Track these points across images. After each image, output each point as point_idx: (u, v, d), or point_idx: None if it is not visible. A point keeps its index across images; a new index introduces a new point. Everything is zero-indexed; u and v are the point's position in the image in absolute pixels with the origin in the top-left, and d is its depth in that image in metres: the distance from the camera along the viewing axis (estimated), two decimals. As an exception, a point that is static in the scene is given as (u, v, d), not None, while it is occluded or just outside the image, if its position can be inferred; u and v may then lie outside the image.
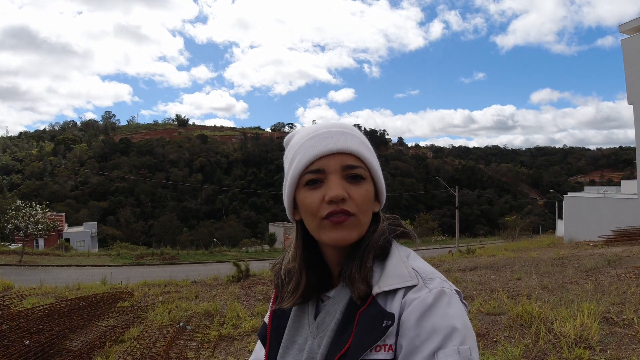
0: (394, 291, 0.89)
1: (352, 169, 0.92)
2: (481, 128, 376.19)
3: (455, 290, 0.90)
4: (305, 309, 1.02)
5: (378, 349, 0.85)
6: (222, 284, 10.16)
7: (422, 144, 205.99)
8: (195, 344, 5.36)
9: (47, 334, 5.20)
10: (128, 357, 4.79)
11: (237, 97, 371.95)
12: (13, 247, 34.53)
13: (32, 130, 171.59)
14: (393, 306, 0.88)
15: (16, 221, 29.84)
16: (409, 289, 0.88)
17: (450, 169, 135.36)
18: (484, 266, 11.42)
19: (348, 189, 0.91)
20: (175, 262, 31.04)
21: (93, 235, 55.26)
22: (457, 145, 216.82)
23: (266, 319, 1.11)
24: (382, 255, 0.95)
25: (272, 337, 1.05)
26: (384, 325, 0.85)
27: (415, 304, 0.85)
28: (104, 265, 26.81)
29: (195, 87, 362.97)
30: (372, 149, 0.99)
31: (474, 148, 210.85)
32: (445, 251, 24.69)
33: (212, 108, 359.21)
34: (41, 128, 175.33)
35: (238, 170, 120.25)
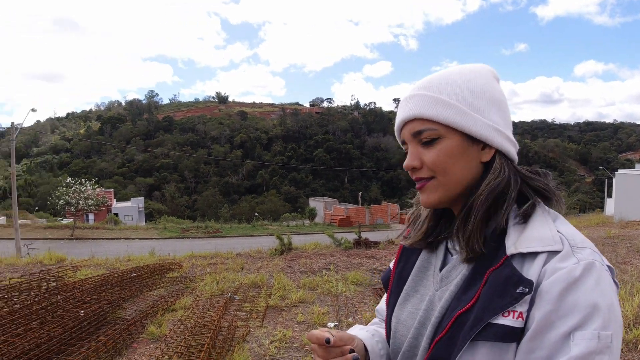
0: (534, 255, 0.78)
1: (420, 135, 0.88)
2: (525, 101, 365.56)
3: (608, 265, 0.79)
4: (432, 260, 0.98)
5: (507, 314, 0.75)
6: (266, 257, 10.25)
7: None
8: (244, 314, 5.42)
9: (101, 304, 5.37)
10: (182, 325, 4.88)
11: (274, 73, 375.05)
12: (65, 222, 36.11)
13: (78, 111, 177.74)
14: (530, 272, 0.77)
15: (67, 197, 31.09)
16: (552, 255, 0.77)
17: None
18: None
19: (422, 155, 0.88)
20: (218, 236, 31.70)
21: (140, 209, 57.13)
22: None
23: (391, 265, 1.07)
24: (524, 215, 0.83)
25: (394, 283, 1.02)
26: (518, 290, 0.75)
27: (559, 274, 0.74)
28: (152, 238, 27.72)
29: (232, 65, 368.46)
30: (453, 98, 0.86)
31: (520, 122, 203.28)
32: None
33: (249, 85, 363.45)
34: (87, 109, 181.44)
35: (278, 146, 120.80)
